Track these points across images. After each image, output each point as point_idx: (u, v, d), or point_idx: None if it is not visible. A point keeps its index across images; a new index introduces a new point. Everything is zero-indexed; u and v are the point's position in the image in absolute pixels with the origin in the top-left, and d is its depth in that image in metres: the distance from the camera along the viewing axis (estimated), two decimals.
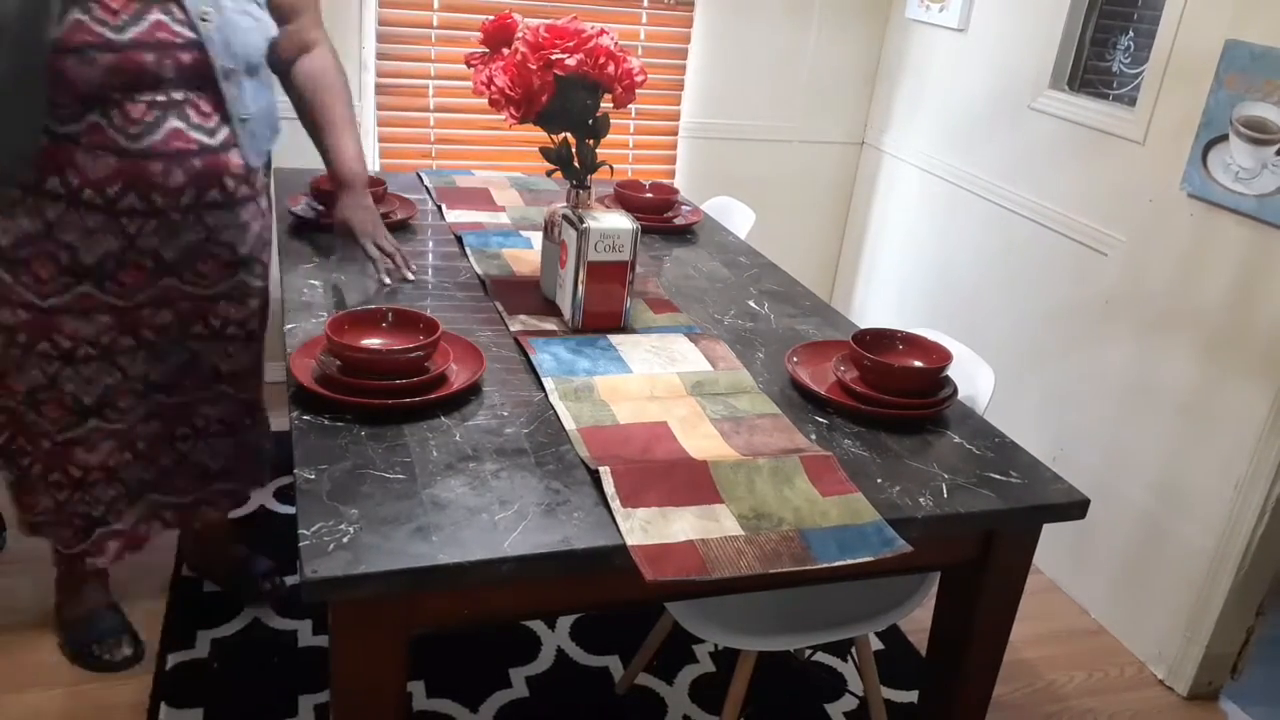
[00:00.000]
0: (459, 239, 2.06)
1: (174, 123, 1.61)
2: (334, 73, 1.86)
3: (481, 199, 2.34)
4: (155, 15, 1.55)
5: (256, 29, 1.69)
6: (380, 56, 2.88)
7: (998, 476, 1.35)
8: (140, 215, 1.64)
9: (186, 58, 1.59)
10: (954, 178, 3.00)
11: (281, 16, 1.78)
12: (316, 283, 1.76)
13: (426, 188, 2.40)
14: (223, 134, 1.68)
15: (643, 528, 1.14)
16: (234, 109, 1.68)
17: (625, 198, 2.29)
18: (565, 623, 2.20)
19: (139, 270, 1.69)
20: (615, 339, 1.63)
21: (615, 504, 1.17)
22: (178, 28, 1.57)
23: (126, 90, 1.55)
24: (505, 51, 1.64)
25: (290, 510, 2.49)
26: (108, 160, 1.58)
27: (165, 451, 1.89)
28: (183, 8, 1.58)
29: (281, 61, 1.82)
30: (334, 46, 1.91)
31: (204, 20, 1.59)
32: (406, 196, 2.22)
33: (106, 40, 1.51)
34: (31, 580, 2.13)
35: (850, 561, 1.15)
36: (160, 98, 1.59)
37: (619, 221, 1.61)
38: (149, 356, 1.78)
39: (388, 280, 1.75)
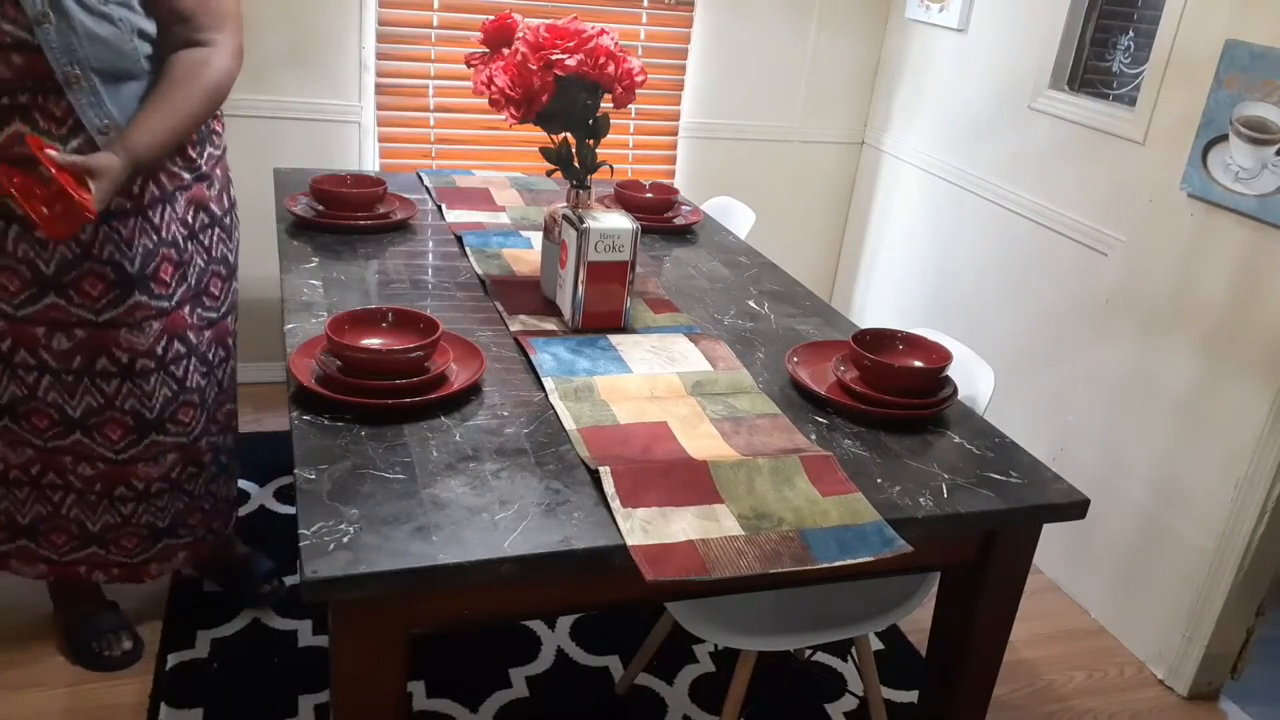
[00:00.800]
0: (459, 239, 2.06)
1: (17, 126, 1.55)
2: (195, 68, 1.66)
3: (481, 199, 2.34)
4: None
5: (116, 33, 1.57)
6: (380, 56, 2.88)
7: (998, 476, 1.35)
8: (0, 219, 1.61)
9: (19, 60, 1.51)
10: (954, 178, 3.00)
11: (169, 18, 1.66)
12: (316, 283, 1.76)
13: (426, 188, 2.40)
14: (75, 142, 1.57)
15: (643, 528, 1.14)
16: (86, 117, 1.57)
17: (625, 198, 2.29)
18: (565, 623, 2.20)
19: (16, 276, 1.64)
20: (615, 339, 1.63)
21: (615, 504, 1.17)
22: (9, 28, 1.48)
23: None
24: (505, 51, 1.64)
25: (290, 510, 2.49)
26: None
27: (105, 508, 1.84)
28: (18, 7, 1.48)
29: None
30: (236, 53, 1.73)
31: (38, 24, 1.49)
32: (406, 196, 2.22)
33: None
34: (32, 580, 2.12)
35: (850, 561, 1.15)
36: (3, 100, 1.53)
37: (619, 221, 1.61)
38: (58, 385, 1.72)
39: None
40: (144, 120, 1.61)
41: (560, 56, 1.56)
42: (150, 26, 1.64)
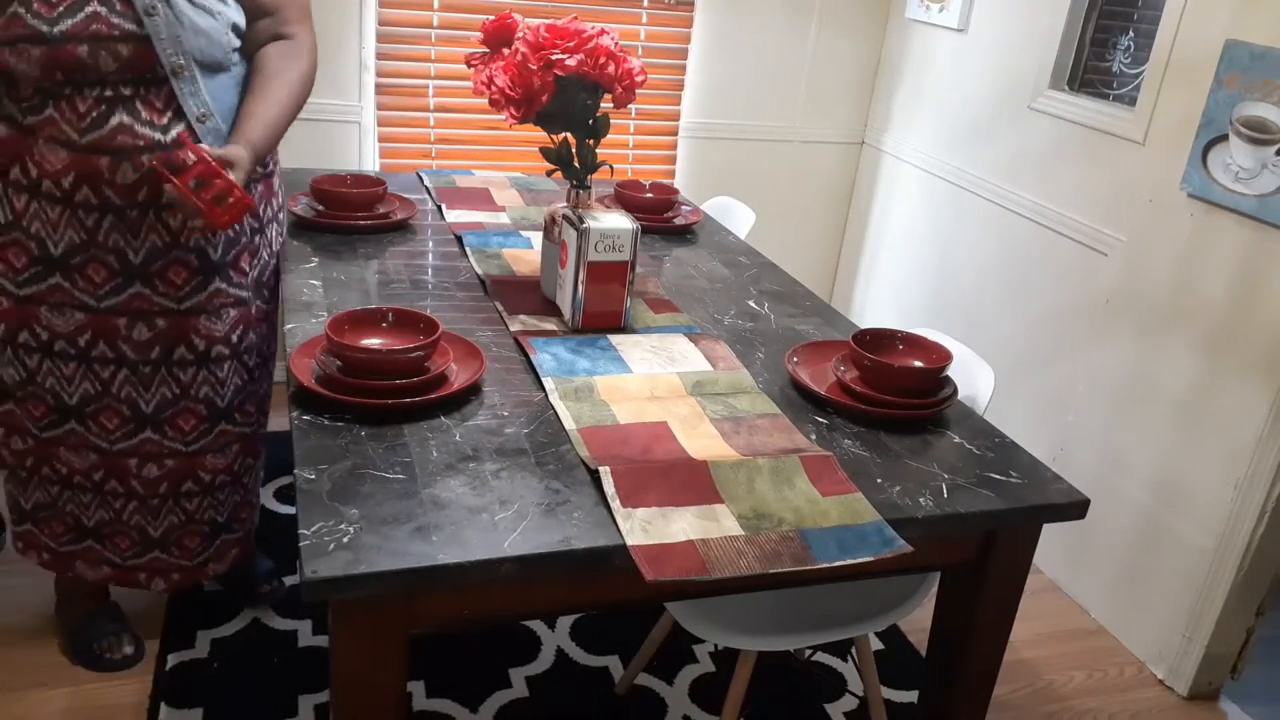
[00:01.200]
0: (459, 239, 2.06)
1: (121, 118, 1.58)
2: (289, 59, 1.74)
3: (482, 199, 2.34)
4: (93, 7, 1.51)
5: (215, 26, 1.63)
6: (380, 56, 2.88)
7: (998, 476, 1.35)
8: (96, 210, 1.62)
9: (126, 51, 1.54)
10: (954, 178, 3.00)
11: (257, 12, 1.73)
12: (316, 283, 1.76)
13: (426, 188, 2.40)
14: (176, 131, 1.62)
15: (643, 528, 1.14)
16: (188, 106, 1.62)
17: (625, 198, 2.29)
18: (565, 623, 2.20)
19: (103, 267, 1.66)
20: (615, 339, 1.63)
21: (615, 504, 1.17)
22: (117, 20, 1.52)
23: (72, 83, 1.54)
24: (505, 51, 1.64)
25: (290, 510, 2.49)
26: (60, 153, 1.57)
27: (169, 509, 1.85)
28: (126, 1, 1.53)
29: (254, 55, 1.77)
30: (315, 48, 1.81)
31: (149, 15, 1.54)
32: (406, 196, 2.22)
33: (37, 33, 1.49)
34: (31, 580, 2.13)
35: (850, 561, 1.15)
36: (107, 92, 1.56)
37: (619, 221, 1.61)
38: (133, 378, 1.73)
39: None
40: (254, 111, 1.68)
41: (560, 56, 1.56)
42: (242, 20, 1.71)
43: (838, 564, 1.15)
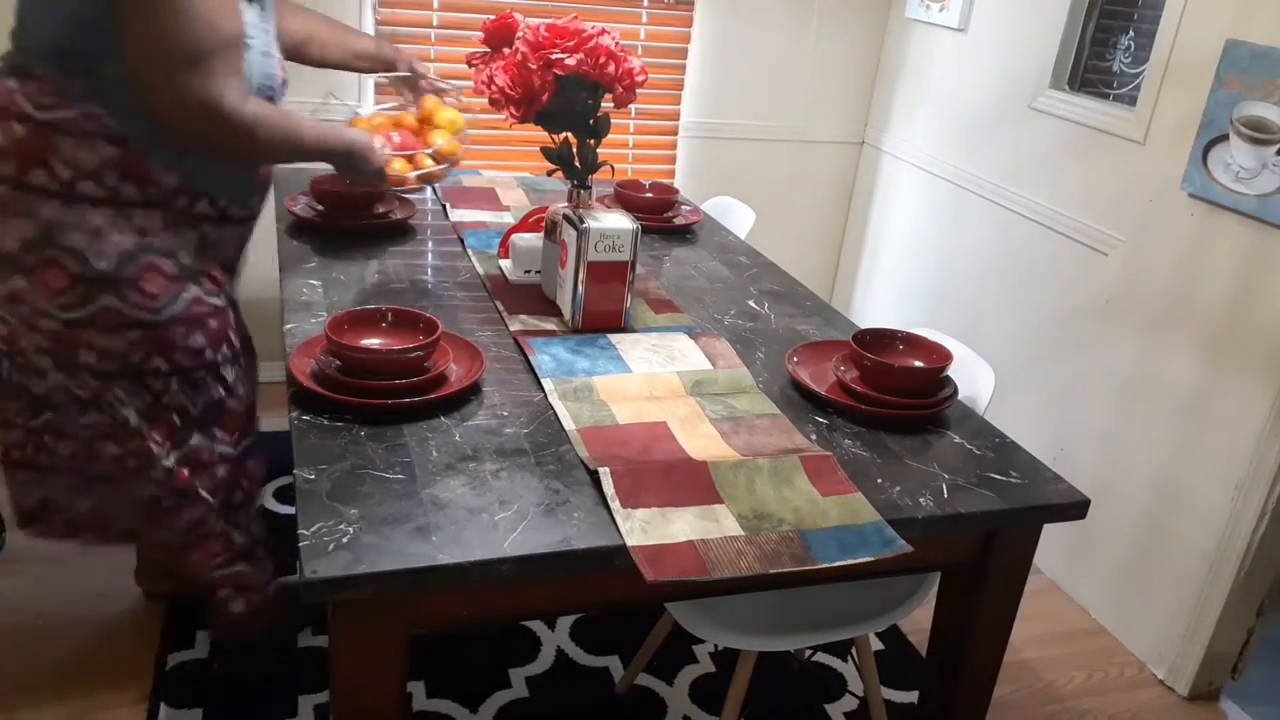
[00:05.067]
0: (460, 239, 2.06)
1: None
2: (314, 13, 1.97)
3: (487, 198, 2.34)
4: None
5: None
6: None
7: (998, 476, 1.35)
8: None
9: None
10: (954, 178, 3.00)
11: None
12: (316, 283, 1.76)
13: (432, 186, 2.40)
14: None
15: (642, 528, 1.14)
16: None
17: (625, 198, 2.29)
18: (565, 623, 2.20)
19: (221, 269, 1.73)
20: (615, 338, 1.63)
21: (615, 505, 1.17)
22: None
23: None
24: (506, 51, 1.64)
25: (290, 510, 2.48)
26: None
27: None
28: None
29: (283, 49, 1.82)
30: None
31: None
32: (407, 196, 2.21)
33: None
34: (32, 580, 2.13)
35: (850, 561, 1.15)
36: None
37: (619, 221, 1.61)
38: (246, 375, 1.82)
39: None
40: (354, 36, 2.11)
41: (560, 56, 1.56)
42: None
43: (838, 564, 1.15)
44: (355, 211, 2.04)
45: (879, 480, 1.31)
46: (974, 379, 1.68)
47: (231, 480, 1.77)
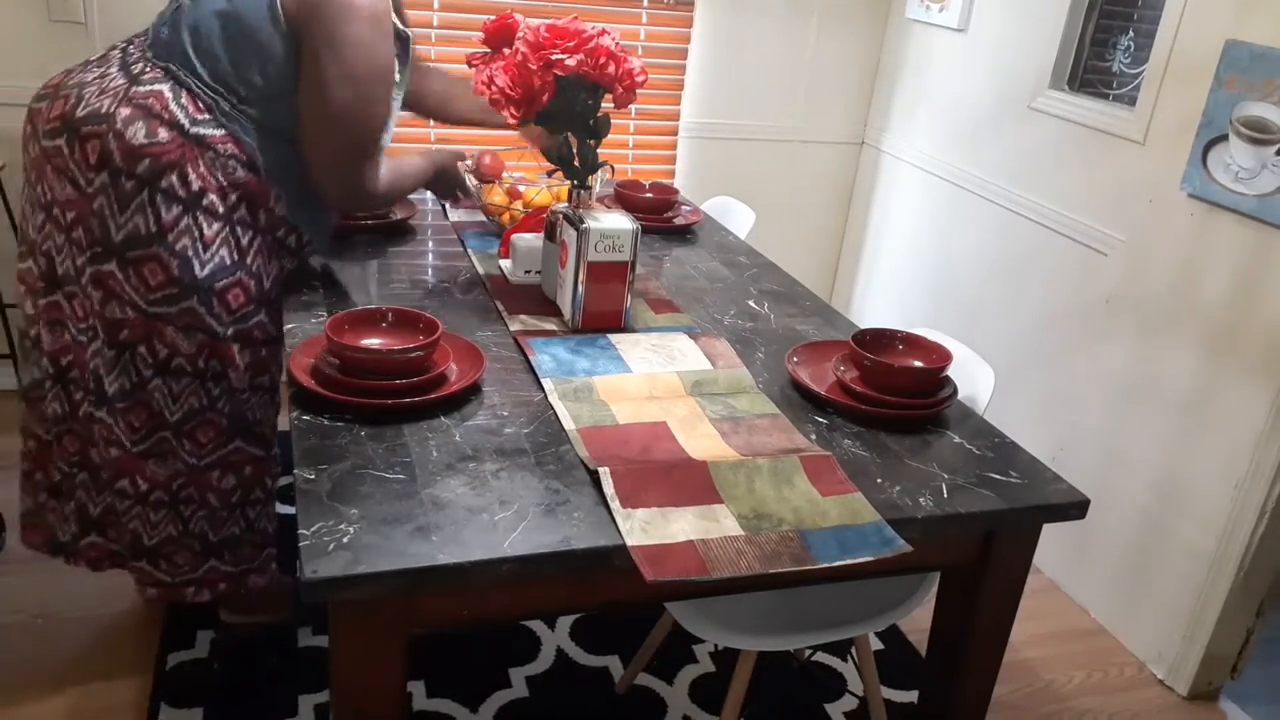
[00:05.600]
0: (461, 239, 2.06)
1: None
2: None
3: None
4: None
5: None
6: None
7: (998, 476, 1.35)
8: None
9: None
10: (954, 178, 3.00)
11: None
12: (316, 282, 1.76)
13: None
14: None
15: (642, 528, 1.14)
16: None
17: (625, 198, 2.29)
18: (565, 623, 2.20)
19: (243, 291, 1.73)
20: (614, 338, 1.63)
21: (615, 505, 1.17)
22: None
23: None
24: (506, 51, 1.64)
25: (290, 510, 2.48)
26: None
27: (235, 519, 1.88)
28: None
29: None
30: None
31: None
32: (406, 196, 2.21)
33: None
34: (31, 580, 2.13)
35: (850, 561, 1.15)
36: None
37: (619, 221, 1.61)
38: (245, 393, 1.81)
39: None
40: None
41: (560, 56, 1.56)
42: None
43: (838, 564, 1.15)
44: (355, 211, 2.04)
45: (879, 480, 1.31)
46: (974, 379, 1.68)
47: (249, 485, 1.84)
